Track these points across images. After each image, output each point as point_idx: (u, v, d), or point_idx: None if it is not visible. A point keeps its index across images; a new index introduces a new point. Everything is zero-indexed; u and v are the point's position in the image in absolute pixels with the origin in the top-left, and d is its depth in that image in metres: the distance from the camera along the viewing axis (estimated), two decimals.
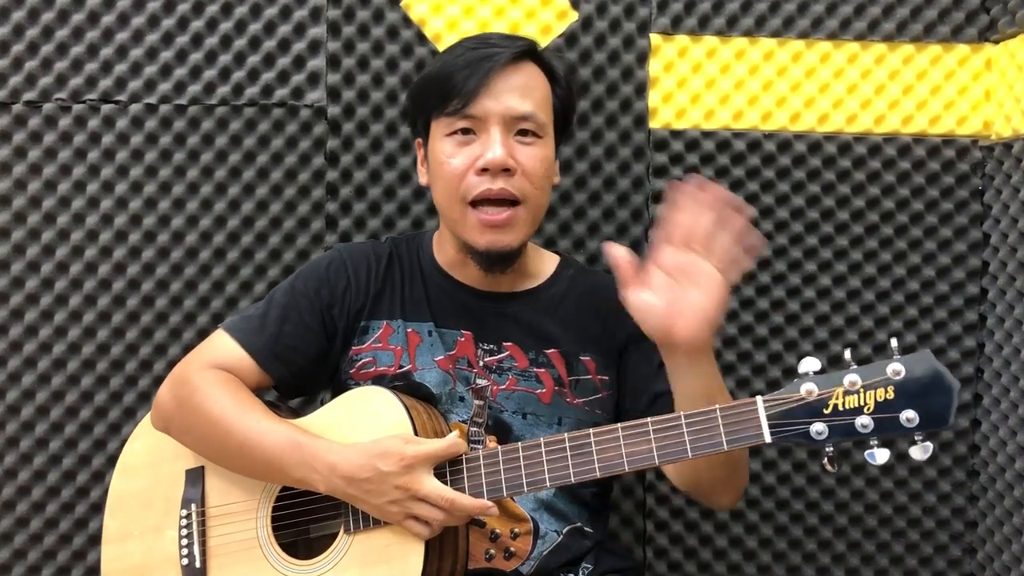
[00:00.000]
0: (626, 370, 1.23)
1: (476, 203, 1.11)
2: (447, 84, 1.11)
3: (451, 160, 1.12)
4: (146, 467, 1.19)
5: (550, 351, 1.21)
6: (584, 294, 1.25)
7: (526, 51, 1.14)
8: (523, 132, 1.12)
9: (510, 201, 1.11)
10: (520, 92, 1.12)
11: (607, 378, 1.22)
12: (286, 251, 1.57)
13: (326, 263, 1.24)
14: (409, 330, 1.21)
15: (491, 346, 1.21)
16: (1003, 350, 1.55)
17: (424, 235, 1.30)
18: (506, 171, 1.10)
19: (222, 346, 1.18)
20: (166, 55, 1.55)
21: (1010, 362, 1.53)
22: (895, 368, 0.92)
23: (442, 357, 1.20)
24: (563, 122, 1.21)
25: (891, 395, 0.92)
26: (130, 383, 1.56)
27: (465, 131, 1.12)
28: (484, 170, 1.10)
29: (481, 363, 1.20)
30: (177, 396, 1.15)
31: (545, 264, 1.27)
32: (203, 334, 1.45)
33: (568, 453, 1.01)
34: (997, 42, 1.59)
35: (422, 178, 1.22)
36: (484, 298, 1.22)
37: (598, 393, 1.22)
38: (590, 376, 1.21)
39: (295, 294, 1.21)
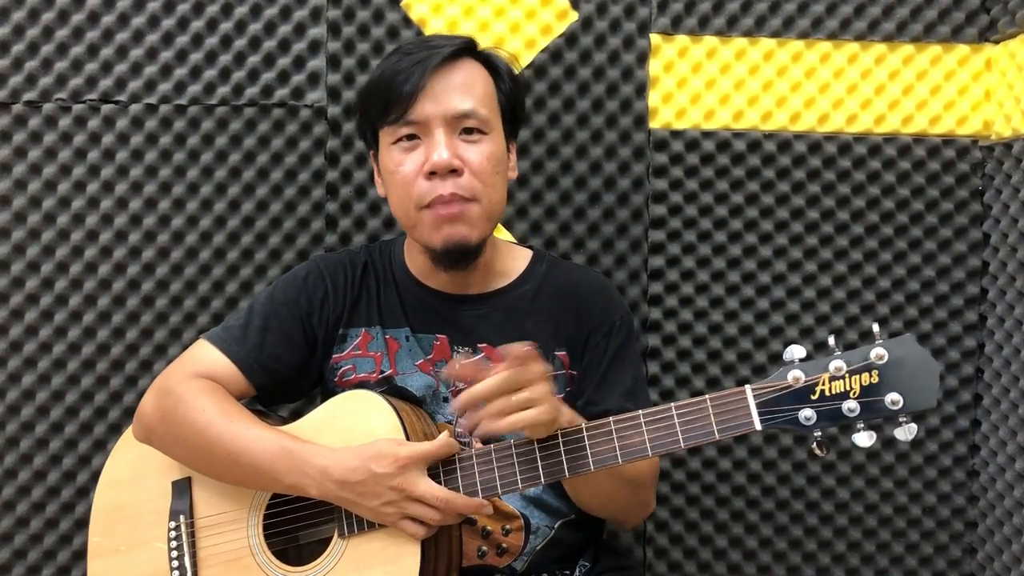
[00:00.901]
0: (581, 363, 1.23)
1: (429, 206, 1.11)
2: (386, 92, 1.10)
3: (400, 168, 1.11)
4: (131, 480, 1.18)
5: None
6: (558, 288, 1.24)
7: (462, 48, 1.13)
8: (468, 130, 1.11)
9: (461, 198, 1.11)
10: (460, 90, 1.10)
11: (576, 372, 1.22)
12: (286, 251, 1.57)
13: (304, 273, 1.24)
14: (387, 336, 1.22)
15: (466, 348, 1.21)
16: (1003, 350, 1.55)
17: (396, 242, 1.30)
18: (453, 172, 1.09)
19: (205, 355, 1.17)
20: (166, 55, 1.55)
21: (1010, 362, 1.53)
22: (879, 352, 0.94)
23: (422, 361, 1.21)
24: (512, 115, 1.19)
25: (876, 379, 0.94)
26: (130, 383, 1.56)
27: (410, 137, 1.11)
28: (432, 174, 1.09)
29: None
30: (161, 407, 1.14)
31: (516, 261, 1.27)
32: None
33: (562, 449, 1.02)
34: (997, 42, 1.59)
35: (379, 190, 1.21)
36: (455, 301, 1.22)
37: (568, 387, 1.22)
38: (564, 371, 1.22)
39: (275, 304, 1.21)
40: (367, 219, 1.57)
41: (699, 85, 1.59)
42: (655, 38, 1.58)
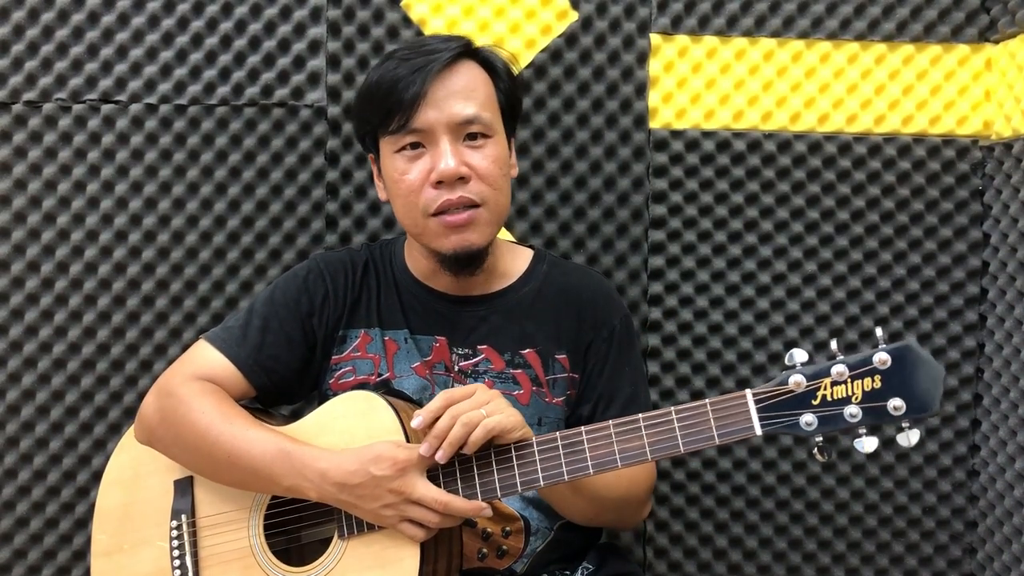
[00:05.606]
0: (584, 368, 1.23)
1: (437, 213, 1.11)
2: (387, 100, 1.09)
3: (405, 177, 1.11)
4: (133, 479, 1.18)
5: (526, 351, 1.20)
6: (560, 289, 1.24)
7: (461, 51, 1.12)
8: (472, 136, 1.11)
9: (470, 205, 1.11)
10: (462, 96, 1.09)
11: (576, 376, 1.22)
12: (286, 251, 1.57)
13: (304, 273, 1.24)
14: (386, 338, 1.22)
15: (466, 350, 1.20)
16: (1003, 350, 1.55)
17: (396, 242, 1.29)
18: (461, 179, 1.09)
19: (205, 356, 1.17)
20: (166, 55, 1.55)
21: (1010, 362, 1.53)
22: (881, 357, 0.94)
23: (419, 363, 1.20)
24: (511, 113, 1.18)
25: (878, 384, 0.94)
26: (130, 383, 1.56)
27: (414, 145, 1.10)
28: (440, 182, 1.09)
29: (456, 367, 1.20)
30: (162, 409, 1.14)
31: (517, 262, 1.26)
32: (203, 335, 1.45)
33: (560, 452, 1.02)
34: (997, 42, 1.59)
35: (380, 194, 1.21)
36: (456, 303, 1.22)
37: (569, 391, 1.22)
38: (565, 374, 1.21)
39: (275, 304, 1.21)
40: (367, 219, 1.57)
41: (699, 85, 1.59)
42: (655, 38, 1.58)
